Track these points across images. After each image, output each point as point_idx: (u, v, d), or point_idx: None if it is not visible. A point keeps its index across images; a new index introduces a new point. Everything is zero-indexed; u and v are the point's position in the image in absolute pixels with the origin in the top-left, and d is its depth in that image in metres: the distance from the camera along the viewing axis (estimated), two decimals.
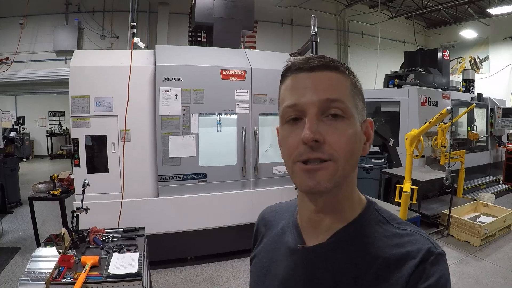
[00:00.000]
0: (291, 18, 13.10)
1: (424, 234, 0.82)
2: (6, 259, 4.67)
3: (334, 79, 0.78)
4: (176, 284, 4.16)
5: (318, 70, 0.78)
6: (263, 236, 1.06)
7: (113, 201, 4.15)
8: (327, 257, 0.83)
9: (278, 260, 0.93)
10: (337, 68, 0.79)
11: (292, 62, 0.82)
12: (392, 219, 0.86)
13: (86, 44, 10.53)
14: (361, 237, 0.82)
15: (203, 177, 4.47)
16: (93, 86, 4.13)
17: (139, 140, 4.30)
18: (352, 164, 0.79)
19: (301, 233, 0.91)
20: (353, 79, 0.82)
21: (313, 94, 0.76)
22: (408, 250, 0.77)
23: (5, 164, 6.68)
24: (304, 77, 0.78)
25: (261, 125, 4.69)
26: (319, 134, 0.74)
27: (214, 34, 4.93)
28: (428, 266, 0.74)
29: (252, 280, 1.02)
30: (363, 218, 0.85)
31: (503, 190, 8.22)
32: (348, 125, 0.77)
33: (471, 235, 5.29)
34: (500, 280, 4.28)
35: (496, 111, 8.92)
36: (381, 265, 0.77)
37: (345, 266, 0.80)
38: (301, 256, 0.87)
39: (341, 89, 0.78)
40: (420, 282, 0.73)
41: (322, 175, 0.76)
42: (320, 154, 0.75)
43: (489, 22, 13.17)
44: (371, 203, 0.89)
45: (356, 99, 0.80)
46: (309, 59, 0.79)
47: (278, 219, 1.04)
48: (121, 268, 2.42)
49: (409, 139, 4.94)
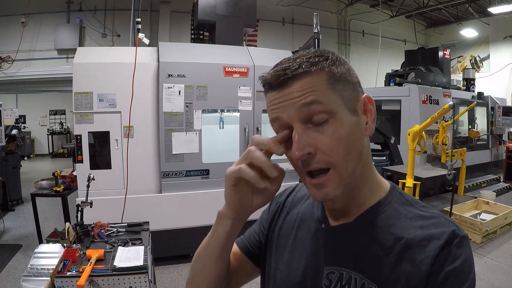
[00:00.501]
0: (292, 17, 13.12)
1: (447, 218, 0.82)
2: (8, 256, 4.67)
3: (305, 84, 0.74)
4: (179, 281, 4.17)
5: (288, 84, 0.75)
6: (285, 211, 1.05)
7: (116, 197, 4.17)
8: (351, 237, 0.84)
9: (303, 239, 0.94)
10: (307, 72, 0.75)
11: (263, 80, 0.79)
12: (415, 202, 0.86)
13: (87, 42, 10.54)
14: (385, 218, 0.82)
15: (206, 174, 4.48)
16: (97, 83, 4.14)
17: (142, 137, 4.31)
18: (353, 159, 0.78)
19: (325, 213, 0.92)
20: (330, 67, 0.77)
21: (289, 106, 0.75)
22: (433, 232, 0.77)
23: (6, 162, 6.67)
24: (278, 94, 0.76)
25: (264, 122, 4.70)
26: (309, 146, 0.74)
27: (217, 32, 4.94)
28: (454, 248, 0.74)
29: (272, 258, 1.01)
30: (387, 200, 0.85)
31: (504, 189, 8.23)
32: (335, 125, 0.74)
33: (473, 232, 5.30)
34: (501, 276, 4.30)
35: (497, 109, 8.95)
36: (405, 245, 0.77)
37: (368, 246, 0.80)
38: (325, 235, 0.88)
39: (315, 89, 0.74)
40: (446, 264, 0.73)
41: (328, 186, 0.76)
42: (315, 165, 0.75)
43: (489, 21, 13.18)
44: (394, 186, 0.89)
45: (338, 87, 0.76)
46: (277, 75, 0.76)
47: (303, 198, 1.04)
48: (126, 261, 2.43)
49: (412, 135, 4.95)
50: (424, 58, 8.95)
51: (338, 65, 0.78)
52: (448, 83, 8.68)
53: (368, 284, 0.77)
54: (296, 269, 0.92)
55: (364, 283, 0.78)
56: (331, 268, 0.84)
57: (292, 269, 0.93)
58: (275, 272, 0.98)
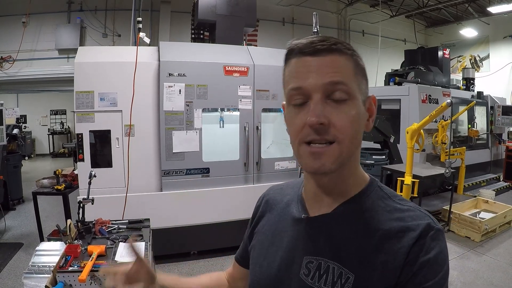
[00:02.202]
0: (292, 17, 13.14)
1: (423, 210, 0.85)
2: (9, 255, 4.69)
3: (337, 62, 0.79)
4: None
5: (321, 54, 0.79)
6: (264, 213, 1.09)
7: (117, 195, 4.19)
8: (330, 227, 0.86)
9: (282, 231, 0.97)
10: (340, 50, 0.80)
11: (295, 44, 0.83)
12: (393, 195, 0.89)
13: (88, 42, 10.57)
14: (363, 211, 0.85)
15: (206, 172, 4.51)
16: (98, 82, 4.16)
17: (143, 135, 4.33)
18: (356, 144, 0.82)
19: (305, 206, 0.95)
20: (357, 59, 0.84)
21: (317, 78, 0.78)
22: (409, 224, 0.80)
23: (8, 161, 6.69)
24: (308, 61, 0.80)
25: (264, 121, 4.73)
26: (324, 117, 0.77)
27: (217, 32, 4.96)
28: (428, 240, 0.77)
29: (254, 253, 1.05)
30: (366, 193, 0.88)
31: (503, 188, 8.24)
32: (351, 106, 0.79)
33: (472, 230, 5.32)
34: (500, 274, 4.32)
35: (496, 109, 8.95)
36: (382, 236, 0.80)
37: (346, 236, 0.83)
38: (305, 226, 0.91)
39: (344, 72, 0.79)
40: (421, 254, 0.75)
41: (327, 157, 0.79)
42: (325, 136, 0.78)
43: (489, 21, 13.18)
44: (374, 180, 0.92)
45: (359, 79, 0.83)
46: (312, 42, 0.80)
47: (283, 194, 1.07)
48: (127, 257, 2.44)
49: (410, 133, 4.97)
50: (423, 57, 8.97)
51: (361, 60, 0.85)
52: (447, 83, 8.70)
53: (346, 273, 0.80)
54: (272, 262, 0.95)
55: (341, 272, 0.81)
56: (310, 258, 0.87)
57: (269, 261, 0.96)
58: (254, 267, 1.02)
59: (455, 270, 4.40)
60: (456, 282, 4.15)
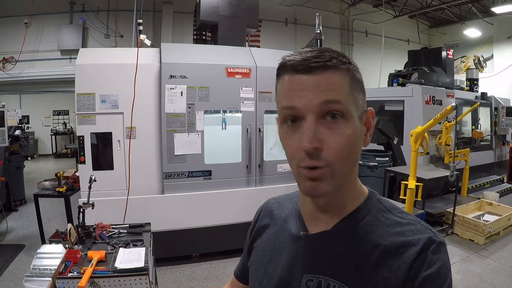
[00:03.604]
0: (295, 17, 13.10)
1: (425, 224, 0.84)
2: (10, 256, 4.69)
3: (332, 79, 0.75)
4: (181, 282, 4.18)
5: (315, 72, 0.75)
6: (263, 227, 1.07)
7: (119, 198, 4.17)
8: (329, 244, 0.85)
9: (281, 247, 0.95)
10: (335, 66, 0.76)
11: (287, 61, 0.78)
12: (393, 208, 0.87)
13: (90, 43, 10.57)
14: (363, 226, 0.83)
15: (208, 175, 4.48)
16: (99, 84, 4.14)
17: (145, 138, 4.31)
18: (349, 164, 0.80)
19: (304, 222, 0.93)
20: (353, 72, 0.79)
21: (310, 97, 0.74)
22: (409, 239, 0.78)
23: (10, 162, 6.69)
24: (301, 79, 0.76)
25: (266, 123, 4.70)
26: (318, 141, 0.74)
27: (219, 33, 4.94)
28: (430, 254, 0.76)
29: (253, 269, 1.03)
30: (365, 207, 0.86)
31: (507, 189, 8.18)
32: (347, 126, 0.76)
33: (476, 233, 5.29)
34: (504, 278, 4.28)
35: (500, 110, 8.89)
36: (382, 252, 0.78)
37: (346, 253, 0.82)
38: (304, 243, 0.89)
39: (339, 89, 0.75)
40: (422, 269, 0.74)
41: (322, 181, 0.77)
42: (316, 162, 0.75)
43: (493, 21, 13.13)
44: (373, 193, 0.90)
45: (355, 94, 0.79)
46: (305, 59, 0.75)
47: (281, 209, 1.05)
48: (127, 263, 2.43)
49: (414, 136, 4.93)
50: (427, 58, 8.91)
51: (358, 72, 0.81)
52: (451, 83, 8.64)
53: None
54: (272, 278, 0.93)
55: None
56: (310, 276, 0.85)
57: (269, 278, 0.94)
58: (254, 283, 1.00)
59: (458, 273, 4.37)
60: (460, 285, 4.12)
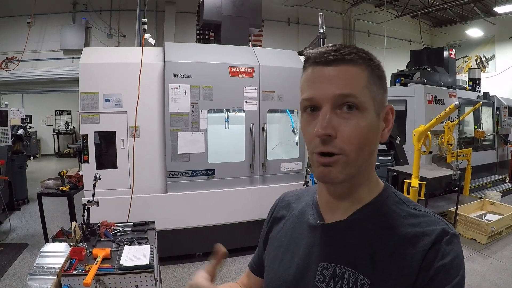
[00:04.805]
0: (298, 17, 13.11)
1: (438, 216, 0.85)
2: (14, 255, 4.70)
3: (349, 73, 0.79)
4: (185, 280, 4.17)
5: (333, 65, 0.79)
6: (279, 219, 1.09)
7: (122, 197, 4.19)
8: (345, 234, 0.87)
9: (298, 238, 0.97)
10: (353, 61, 0.80)
11: (310, 54, 0.84)
12: (408, 201, 0.90)
13: (93, 43, 10.58)
14: (378, 216, 0.86)
15: (211, 174, 4.50)
16: (103, 83, 4.16)
17: (148, 137, 4.32)
18: (364, 156, 0.82)
19: (321, 212, 0.95)
20: (373, 68, 0.82)
21: (327, 88, 0.79)
22: (424, 229, 0.80)
23: (13, 161, 6.72)
24: (320, 71, 0.81)
25: (269, 122, 4.71)
26: (331, 128, 0.78)
27: (222, 32, 4.95)
28: (444, 245, 0.77)
29: (268, 260, 1.05)
30: (380, 199, 0.88)
31: (509, 189, 8.16)
32: (361, 118, 0.79)
33: (478, 232, 5.28)
34: (507, 277, 4.28)
35: (503, 109, 8.87)
36: (396, 242, 0.80)
37: (362, 243, 0.83)
38: (320, 232, 0.91)
39: (355, 84, 0.79)
40: (436, 260, 0.76)
41: (334, 167, 0.80)
42: (330, 148, 0.78)
43: (495, 21, 13.12)
44: (388, 186, 0.93)
45: (373, 89, 0.82)
46: (325, 52, 0.81)
47: (298, 201, 1.07)
48: (132, 260, 2.44)
49: (417, 135, 4.93)
50: (429, 58, 8.90)
51: (379, 69, 0.84)
52: (453, 83, 8.63)
53: (361, 279, 0.80)
54: (288, 268, 0.95)
55: (357, 279, 0.81)
56: (325, 264, 0.87)
57: (285, 268, 0.96)
58: (269, 273, 1.02)
59: None
60: None
